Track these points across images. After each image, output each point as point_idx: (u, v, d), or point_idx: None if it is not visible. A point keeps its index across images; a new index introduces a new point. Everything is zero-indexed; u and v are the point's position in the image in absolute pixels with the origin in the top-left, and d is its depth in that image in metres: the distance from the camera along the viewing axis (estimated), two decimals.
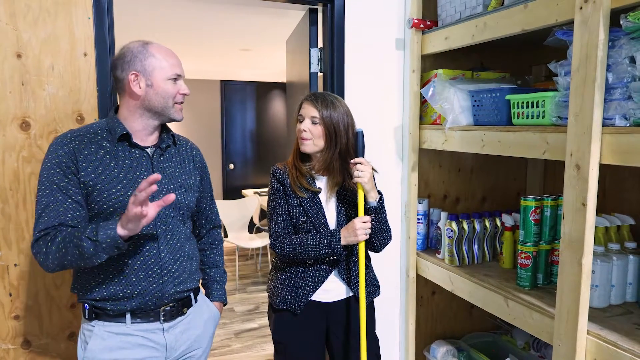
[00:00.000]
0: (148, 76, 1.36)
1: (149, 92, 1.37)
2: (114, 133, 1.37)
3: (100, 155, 1.35)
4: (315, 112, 1.62)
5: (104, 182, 1.33)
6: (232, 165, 6.61)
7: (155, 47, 1.39)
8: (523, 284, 1.71)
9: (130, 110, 1.39)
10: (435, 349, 2.23)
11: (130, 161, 1.38)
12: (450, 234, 2.00)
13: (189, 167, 1.54)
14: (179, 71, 1.41)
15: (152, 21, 3.42)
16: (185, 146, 1.57)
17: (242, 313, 4.07)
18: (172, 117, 1.43)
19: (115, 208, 1.33)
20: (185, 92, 1.43)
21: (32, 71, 1.68)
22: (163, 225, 1.41)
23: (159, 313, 1.40)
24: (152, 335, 1.39)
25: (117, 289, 1.35)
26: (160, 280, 1.39)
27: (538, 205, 1.70)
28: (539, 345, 2.17)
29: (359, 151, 1.64)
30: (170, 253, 1.42)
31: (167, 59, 1.39)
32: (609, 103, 1.28)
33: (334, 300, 1.71)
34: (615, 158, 1.27)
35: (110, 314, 1.36)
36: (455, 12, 1.92)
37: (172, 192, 1.41)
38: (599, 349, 1.32)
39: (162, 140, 1.46)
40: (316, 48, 2.26)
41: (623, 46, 1.25)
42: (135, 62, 1.36)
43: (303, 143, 1.64)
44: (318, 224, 1.65)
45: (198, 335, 1.51)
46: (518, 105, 1.61)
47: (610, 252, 1.56)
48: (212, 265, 1.70)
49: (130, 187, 1.35)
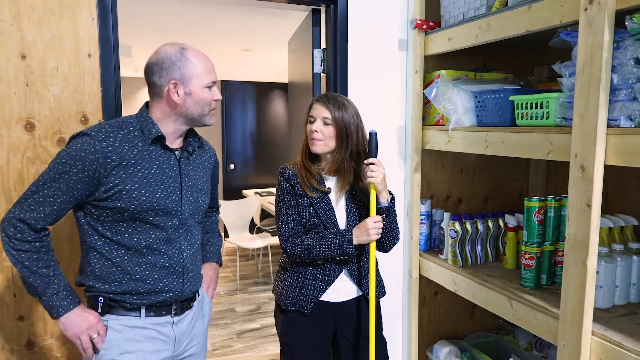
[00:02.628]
0: (187, 84, 1.36)
1: (188, 100, 1.37)
2: (147, 133, 1.36)
3: (133, 154, 1.34)
4: (327, 113, 1.62)
5: (133, 183, 1.32)
6: (232, 165, 6.61)
7: (192, 53, 1.38)
8: (527, 285, 1.72)
9: (165, 115, 1.39)
10: (438, 349, 2.23)
11: (160, 163, 1.38)
12: (454, 235, 2.01)
13: (206, 169, 1.56)
14: (214, 78, 1.42)
15: (154, 22, 3.42)
16: (205, 147, 1.59)
17: (244, 313, 4.07)
18: (206, 124, 1.44)
19: (143, 209, 1.33)
20: (218, 99, 1.44)
21: (36, 72, 1.68)
22: (185, 227, 1.44)
23: (172, 308, 1.43)
24: (163, 329, 1.42)
25: (138, 284, 1.36)
26: (181, 279, 1.43)
27: (542, 206, 1.70)
28: (542, 345, 2.17)
29: (372, 152, 1.65)
30: (190, 254, 1.46)
31: (204, 65, 1.39)
32: (614, 104, 1.29)
33: (343, 300, 1.71)
34: (620, 159, 1.27)
35: (128, 307, 1.37)
36: (458, 13, 1.92)
37: (194, 195, 1.47)
38: (604, 350, 1.33)
39: (188, 144, 1.47)
40: (319, 49, 2.26)
41: (628, 47, 1.25)
42: (174, 70, 1.34)
43: (314, 144, 1.64)
44: (329, 224, 1.65)
45: (198, 329, 1.54)
46: (522, 106, 1.61)
47: (614, 253, 1.56)
48: (208, 230, 1.74)
49: (158, 190, 1.35)
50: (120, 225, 1.34)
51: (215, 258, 1.72)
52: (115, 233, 1.34)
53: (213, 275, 1.68)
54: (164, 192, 1.37)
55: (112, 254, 1.35)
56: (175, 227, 1.40)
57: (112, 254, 1.35)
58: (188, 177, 1.45)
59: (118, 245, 1.35)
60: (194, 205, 1.46)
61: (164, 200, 1.37)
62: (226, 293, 4.56)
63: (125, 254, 1.35)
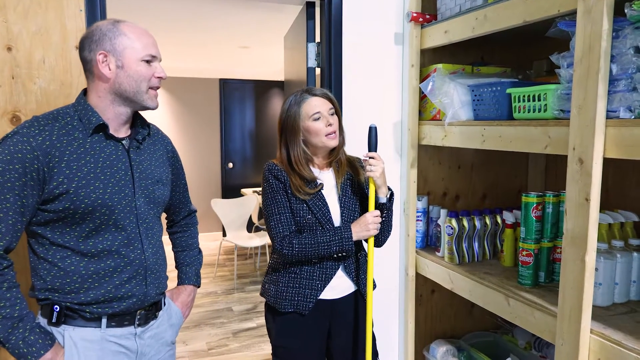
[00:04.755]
0: (118, 56, 1.23)
1: (120, 74, 1.24)
2: (87, 122, 1.24)
3: (74, 148, 1.21)
4: (329, 104, 1.61)
5: (80, 180, 1.20)
6: (231, 164, 6.57)
7: (127, 26, 1.26)
8: (524, 282, 1.68)
9: (100, 96, 1.26)
10: (435, 349, 2.19)
11: (107, 155, 1.26)
12: (450, 232, 1.97)
13: (162, 160, 1.45)
14: (153, 52, 1.28)
15: (145, 17, 3.38)
16: (157, 136, 1.47)
17: (240, 312, 4.03)
18: (145, 104, 1.29)
19: (94, 207, 1.21)
20: (161, 76, 1.30)
21: (22, 64, 1.64)
22: (144, 224, 1.33)
23: (135, 317, 1.32)
24: (125, 341, 1.31)
25: (97, 293, 1.24)
26: (144, 282, 1.32)
27: (539, 201, 1.66)
28: (541, 345, 2.13)
29: (371, 146, 1.63)
30: (152, 253, 1.35)
31: (140, 38, 1.26)
32: (613, 95, 1.24)
33: (339, 296, 1.67)
34: (619, 151, 1.23)
35: (88, 316, 1.25)
36: (455, 5, 1.88)
37: (150, 187, 1.35)
38: (603, 348, 1.29)
39: (137, 132, 1.35)
40: (313, 43, 2.22)
41: (627, 36, 1.21)
42: (104, 40, 1.22)
43: (333, 138, 1.60)
44: (324, 221, 1.61)
45: (165, 340, 1.44)
46: (519, 99, 1.57)
47: (614, 249, 1.52)
48: (184, 247, 1.62)
49: (109, 184, 1.24)
50: (73, 229, 1.22)
51: (192, 280, 1.58)
52: (68, 239, 1.22)
53: (187, 299, 1.56)
54: (115, 187, 1.25)
55: (65, 263, 1.22)
56: (134, 225, 1.29)
57: (64, 263, 1.22)
58: (140, 168, 1.33)
59: (72, 252, 1.22)
60: (150, 198, 1.35)
61: (117, 195, 1.25)
62: (223, 292, 4.52)
63: (80, 261, 1.23)
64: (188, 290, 1.58)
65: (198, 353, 3.28)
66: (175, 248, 1.64)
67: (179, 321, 1.52)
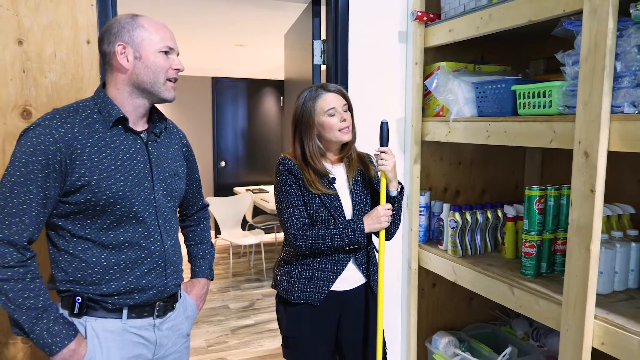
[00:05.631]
0: (137, 48, 1.25)
1: (138, 65, 1.26)
2: (106, 115, 1.26)
3: (94, 141, 1.22)
4: (343, 100, 1.66)
5: (101, 172, 1.21)
6: (223, 162, 6.57)
7: (145, 19, 1.29)
8: (527, 273, 1.73)
9: (119, 88, 1.28)
10: (437, 340, 2.24)
11: (126, 147, 1.28)
12: (454, 225, 2.02)
13: (178, 153, 1.47)
14: (171, 44, 1.31)
15: (156, 12, 3.38)
16: (172, 130, 1.49)
17: (237, 310, 4.04)
18: (163, 96, 1.31)
19: (115, 199, 1.23)
20: (179, 68, 1.32)
21: (33, 58, 1.65)
22: (163, 217, 1.35)
23: (154, 308, 1.34)
24: (144, 332, 1.33)
25: (119, 284, 1.26)
26: (164, 273, 1.34)
27: (542, 194, 1.72)
28: (539, 334, 2.19)
29: (383, 141, 1.69)
30: (171, 245, 1.37)
31: (158, 31, 1.29)
32: (618, 91, 1.30)
33: (350, 288, 1.71)
34: (623, 145, 1.29)
35: (110, 307, 1.27)
36: (459, 4, 1.93)
37: (167, 180, 1.37)
38: (607, 333, 1.35)
39: (154, 125, 1.37)
40: (319, 40, 2.26)
41: (632, 35, 1.27)
42: (122, 33, 1.25)
43: (346, 133, 1.65)
44: (336, 214, 1.64)
45: (182, 332, 1.46)
46: (524, 95, 1.62)
47: (614, 240, 1.58)
48: (197, 241, 1.65)
49: (129, 177, 1.26)
50: (94, 221, 1.24)
51: (206, 273, 1.61)
52: (89, 231, 1.24)
53: (201, 292, 1.58)
54: (135, 179, 1.27)
55: (87, 254, 1.24)
56: (153, 217, 1.31)
57: (86, 254, 1.24)
58: (158, 162, 1.35)
59: (93, 244, 1.24)
60: (167, 191, 1.37)
61: (137, 188, 1.27)
62: (219, 290, 4.53)
63: (102, 253, 1.25)
64: (202, 283, 1.60)
65: (197, 350, 3.29)
66: (188, 242, 1.66)
67: (194, 313, 1.54)
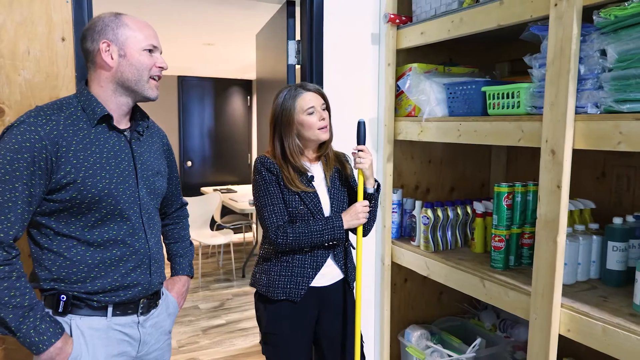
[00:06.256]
0: (121, 46, 1.26)
1: (122, 63, 1.26)
2: (90, 113, 1.26)
3: (80, 138, 1.22)
4: (322, 99, 1.69)
5: (87, 170, 1.21)
6: (190, 162, 6.49)
7: (128, 18, 1.29)
8: (497, 266, 1.82)
9: (102, 86, 1.28)
10: (410, 333, 2.31)
11: (111, 145, 1.28)
12: (426, 221, 2.09)
13: (160, 152, 1.48)
14: (155, 42, 1.32)
15: (132, 9, 3.30)
16: (154, 129, 1.50)
17: (208, 310, 4.01)
18: (146, 94, 1.32)
19: (100, 197, 1.23)
20: (163, 66, 1.33)
21: (6, 55, 1.60)
22: (147, 214, 1.37)
23: (139, 306, 1.35)
24: (129, 330, 1.34)
25: (104, 282, 1.26)
26: (148, 270, 1.35)
27: (510, 191, 1.80)
28: (505, 326, 2.30)
29: (360, 139, 1.73)
30: (155, 242, 1.39)
31: (142, 29, 1.30)
32: (582, 92, 1.40)
33: (329, 284, 1.75)
34: (587, 143, 1.38)
35: (95, 305, 1.27)
36: (430, 8, 2.00)
37: (151, 178, 1.38)
38: (573, 320, 1.44)
39: (137, 124, 1.38)
40: (294, 40, 2.28)
41: (594, 40, 1.36)
42: (107, 31, 1.25)
43: (325, 132, 1.68)
44: (315, 211, 1.68)
45: (164, 329, 1.47)
46: (494, 96, 1.70)
47: (577, 233, 1.69)
48: (177, 239, 1.65)
49: (114, 175, 1.27)
50: (79, 219, 1.24)
51: (186, 271, 1.62)
52: (74, 229, 1.23)
53: (182, 289, 1.60)
54: (120, 177, 1.28)
55: (71, 252, 1.24)
56: (137, 215, 1.32)
57: (70, 253, 1.24)
58: (142, 160, 1.36)
59: (77, 242, 1.24)
60: (151, 189, 1.38)
61: (122, 186, 1.28)
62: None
63: (86, 251, 1.25)
64: (183, 281, 1.61)
65: None
66: (168, 240, 1.66)
67: (175, 311, 1.55)
